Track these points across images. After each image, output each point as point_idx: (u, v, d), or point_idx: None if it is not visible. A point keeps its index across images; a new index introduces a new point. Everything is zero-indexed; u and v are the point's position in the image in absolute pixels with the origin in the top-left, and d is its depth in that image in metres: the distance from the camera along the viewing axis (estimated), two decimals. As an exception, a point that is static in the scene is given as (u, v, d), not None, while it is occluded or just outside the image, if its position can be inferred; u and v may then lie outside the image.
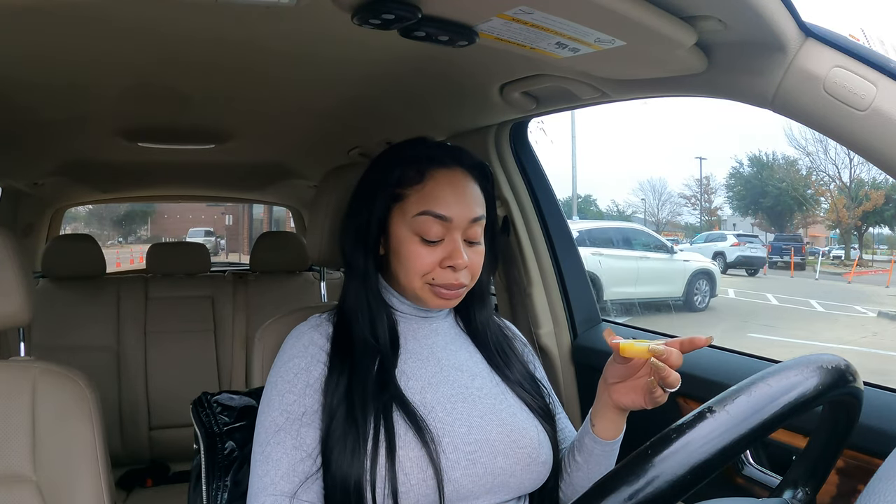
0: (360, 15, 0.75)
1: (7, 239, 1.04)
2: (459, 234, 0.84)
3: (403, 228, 0.85)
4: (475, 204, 0.86)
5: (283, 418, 0.80)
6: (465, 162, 0.88)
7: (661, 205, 38.11)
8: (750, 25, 0.74)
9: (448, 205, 0.84)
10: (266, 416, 0.81)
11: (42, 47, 0.99)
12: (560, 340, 1.58)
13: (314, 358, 0.84)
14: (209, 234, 26.77)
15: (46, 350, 2.06)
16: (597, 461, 0.86)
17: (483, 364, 0.92)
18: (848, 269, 19.73)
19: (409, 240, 0.84)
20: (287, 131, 1.75)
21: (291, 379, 0.82)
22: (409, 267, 0.84)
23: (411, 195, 0.85)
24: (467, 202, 0.85)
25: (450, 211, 0.83)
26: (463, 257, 0.83)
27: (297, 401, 0.81)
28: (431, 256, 0.84)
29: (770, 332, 9.21)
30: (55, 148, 1.88)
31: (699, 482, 0.49)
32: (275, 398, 0.82)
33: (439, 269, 0.84)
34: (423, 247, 0.84)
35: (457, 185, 0.85)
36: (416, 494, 0.76)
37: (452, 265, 0.83)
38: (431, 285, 0.85)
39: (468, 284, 0.87)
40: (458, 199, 0.84)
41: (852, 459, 0.92)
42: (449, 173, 0.86)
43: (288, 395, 0.81)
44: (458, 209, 0.84)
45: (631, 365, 0.81)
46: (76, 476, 0.99)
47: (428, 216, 0.83)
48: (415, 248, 0.84)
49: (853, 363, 0.60)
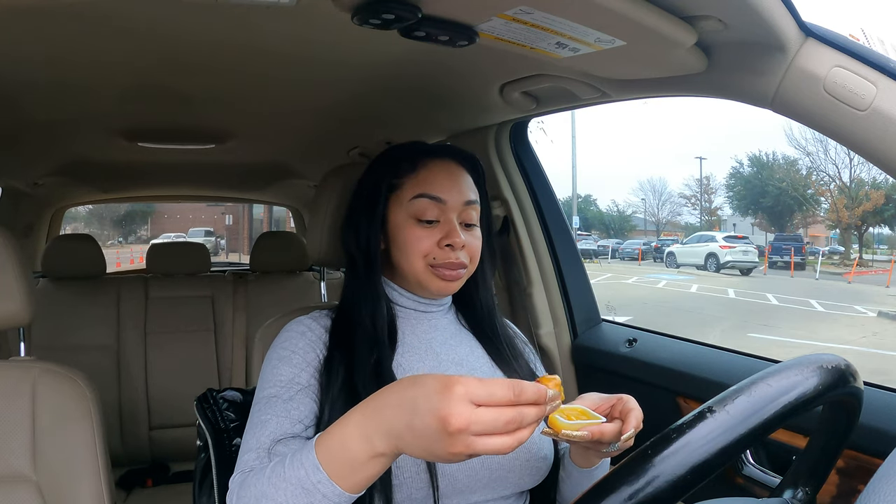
0: (359, 15, 0.75)
1: (7, 239, 1.04)
2: (455, 215, 0.88)
3: (401, 214, 0.88)
4: (468, 189, 0.90)
5: (276, 388, 0.80)
6: (456, 154, 0.93)
7: (661, 205, 38.17)
8: (750, 25, 0.74)
9: (442, 188, 0.87)
10: (261, 391, 0.82)
11: (42, 47, 0.99)
12: (560, 340, 1.58)
13: (311, 342, 0.85)
14: (209, 234, 26.79)
15: (46, 350, 2.06)
16: (576, 481, 0.86)
17: (485, 359, 0.92)
18: (848, 269, 19.73)
19: (407, 224, 0.87)
20: (287, 131, 1.75)
21: (287, 356, 0.83)
22: (409, 251, 0.87)
23: (406, 183, 0.89)
24: (460, 186, 0.89)
25: (443, 193, 0.87)
26: (460, 236, 0.86)
27: (292, 373, 0.81)
28: (430, 238, 0.86)
29: (770, 331, 9.22)
30: (55, 148, 1.88)
31: (699, 482, 0.49)
32: (269, 373, 0.83)
33: (438, 250, 0.86)
34: (421, 229, 0.87)
35: (449, 172, 0.90)
36: (408, 488, 0.76)
37: (450, 243, 0.85)
38: (433, 266, 0.86)
39: (468, 266, 0.88)
40: (452, 183, 0.88)
41: (852, 459, 0.92)
42: (441, 162, 0.90)
43: (283, 369, 0.82)
44: (451, 192, 0.88)
45: None
46: (76, 476, 0.99)
47: (423, 198, 0.87)
48: (413, 230, 0.87)
49: (853, 363, 0.61)
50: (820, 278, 17.50)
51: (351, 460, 0.60)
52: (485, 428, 0.52)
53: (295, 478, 0.62)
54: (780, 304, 12.41)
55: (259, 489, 0.65)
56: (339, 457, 0.61)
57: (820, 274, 18.15)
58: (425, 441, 0.55)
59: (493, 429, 0.52)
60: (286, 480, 0.63)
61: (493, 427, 0.52)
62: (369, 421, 0.59)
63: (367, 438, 0.59)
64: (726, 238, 20.27)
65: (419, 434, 0.55)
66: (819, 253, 21.83)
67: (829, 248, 25.68)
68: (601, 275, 17.61)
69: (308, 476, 0.62)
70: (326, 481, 0.61)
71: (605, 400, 0.75)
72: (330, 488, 0.61)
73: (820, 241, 28.15)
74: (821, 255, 20.99)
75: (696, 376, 1.22)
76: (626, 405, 0.73)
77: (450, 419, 0.52)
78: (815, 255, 21.12)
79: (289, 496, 0.62)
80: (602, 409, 0.74)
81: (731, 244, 19.56)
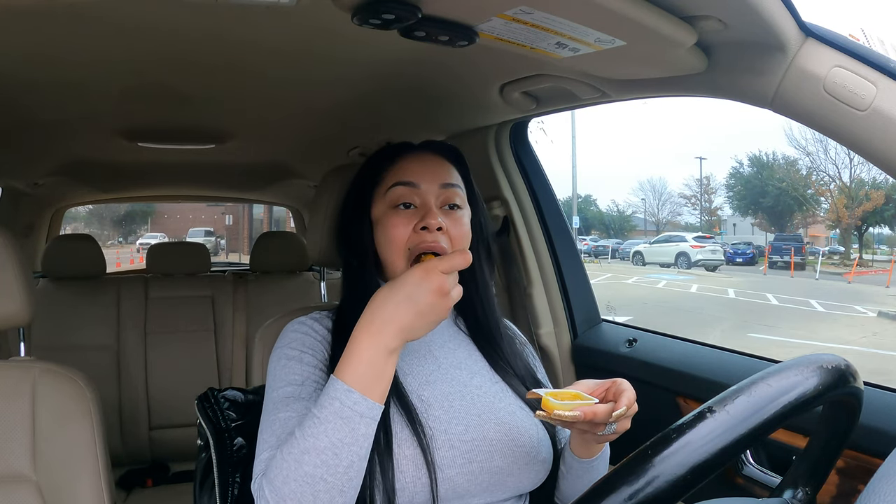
0: (359, 15, 0.75)
1: (7, 239, 1.04)
2: (432, 198, 0.88)
3: (382, 206, 0.89)
4: (445, 173, 0.91)
5: (291, 388, 0.80)
6: (436, 147, 0.95)
7: (661, 205, 38.16)
8: (750, 25, 0.74)
9: (415, 173, 0.89)
10: (272, 391, 0.82)
11: (42, 47, 0.99)
12: (560, 340, 1.58)
13: (318, 342, 0.85)
14: (209, 234, 26.78)
15: (46, 350, 2.05)
16: (577, 475, 0.86)
17: (482, 362, 0.92)
18: (848, 269, 19.74)
19: (387, 213, 0.88)
20: (287, 131, 1.75)
21: (297, 355, 0.83)
22: (390, 239, 0.86)
23: (385, 176, 0.91)
24: (435, 170, 0.90)
25: (417, 178, 0.88)
26: (436, 217, 0.85)
27: (306, 371, 0.81)
28: (407, 223, 0.86)
29: (770, 331, 9.22)
30: (55, 148, 1.88)
31: (699, 482, 0.49)
32: (280, 373, 0.82)
33: (415, 234, 0.86)
34: (399, 216, 0.87)
35: (424, 160, 0.91)
36: (410, 492, 0.76)
37: (425, 225, 0.85)
38: (414, 253, 0.85)
39: (448, 249, 0.86)
40: (426, 169, 0.90)
41: (852, 459, 0.92)
42: (418, 153, 0.92)
43: (295, 368, 0.82)
44: (425, 176, 0.89)
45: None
46: (76, 476, 0.99)
47: (398, 186, 0.88)
48: (392, 218, 0.87)
49: (853, 363, 0.61)
50: (820, 278, 17.49)
51: (374, 370, 0.70)
52: (454, 281, 0.73)
53: (330, 413, 0.68)
54: (780, 304, 12.41)
55: (296, 452, 0.68)
56: (363, 372, 0.70)
57: (820, 274, 18.16)
58: (430, 315, 0.71)
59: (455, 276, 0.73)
60: (323, 422, 0.68)
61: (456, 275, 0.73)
62: (379, 334, 0.70)
63: (381, 346, 0.70)
64: (696, 238, 22.23)
65: (425, 314, 0.71)
66: (819, 253, 21.84)
67: (829, 248, 25.67)
68: (601, 275, 17.62)
69: (343, 403, 0.68)
70: (361, 399, 0.69)
71: (599, 385, 0.76)
72: (365, 405, 0.69)
73: (820, 241, 28.14)
74: (821, 255, 21.00)
75: (696, 376, 1.22)
76: (618, 387, 0.74)
77: (444, 287, 0.71)
78: (815, 255, 21.14)
79: (330, 435, 0.68)
80: (597, 394, 0.74)
81: (700, 244, 21.40)
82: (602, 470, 0.87)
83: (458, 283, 0.74)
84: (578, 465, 0.85)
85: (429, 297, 0.70)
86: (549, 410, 0.69)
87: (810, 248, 23.96)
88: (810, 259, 21.30)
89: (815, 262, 19.87)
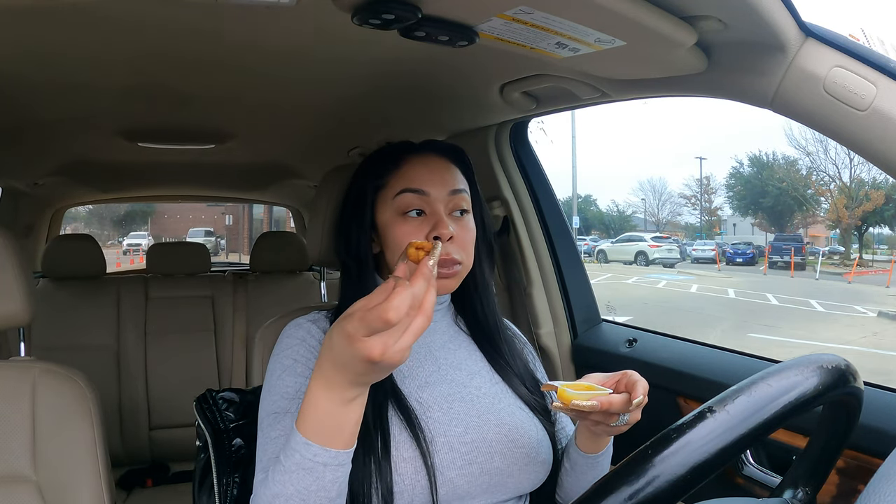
0: (359, 15, 0.75)
1: (7, 239, 1.04)
2: (441, 206, 0.86)
3: (388, 212, 0.87)
4: (452, 178, 0.89)
5: (285, 401, 0.79)
6: (439, 148, 0.93)
7: (661, 205, 38.17)
8: (750, 25, 0.74)
9: (423, 181, 0.87)
10: (267, 402, 0.81)
11: (42, 47, 0.99)
12: (560, 340, 1.58)
13: (312, 348, 0.84)
14: (209, 234, 26.78)
15: (46, 350, 2.06)
16: (581, 471, 0.86)
17: (482, 363, 0.92)
18: (848, 269, 19.73)
19: (394, 221, 0.86)
20: (287, 131, 1.75)
21: (290, 365, 0.83)
22: (398, 247, 0.85)
23: (390, 180, 0.88)
24: (443, 176, 0.88)
25: (426, 185, 0.86)
26: (448, 227, 0.83)
27: (297, 384, 0.81)
28: (418, 231, 0.85)
29: (770, 331, 9.22)
30: (55, 148, 1.88)
31: (699, 482, 0.49)
32: (274, 384, 0.82)
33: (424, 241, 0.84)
34: (408, 224, 0.85)
35: (431, 165, 0.89)
36: (409, 495, 0.76)
37: (437, 235, 0.83)
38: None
39: (460, 260, 0.86)
40: (434, 175, 0.87)
41: (852, 459, 0.92)
42: (423, 156, 0.90)
43: (287, 379, 0.81)
44: (434, 183, 0.87)
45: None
46: (76, 476, 0.99)
47: (406, 193, 0.86)
48: (400, 227, 0.86)
49: (853, 363, 0.61)
50: (820, 278, 17.49)
51: (333, 420, 0.64)
52: (396, 336, 0.57)
53: (293, 464, 0.65)
54: (780, 304, 12.41)
55: (268, 495, 0.67)
56: (321, 422, 0.64)
57: (820, 274, 18.16)
58: (376, 371, 0.60)
59: (402, 330, 0.57)
60: (287, 471, 0.66)
61: (401, 329, 0.57)
62: (332, 386, 0.63)
63: (336, 398, 0.63)
64: (654, 238, 24.04)
65: (366, 371, 0.60)
66: (819, 253, 21.85)
67: (829, 248, 25.66)
68: (601, 275, 17.62)
69: (303, 456, 0.65)
70: (321, 450, 0.64)
71: (609, 377, 0.76)
72: (326, 455, 0.64)
73: (820, 241, 28.12)
74: (821, 255, 21.02)
75: (696, 376, 1.23)
76: (630, 378, 0.74)
77: (372, 356, 0.57)
78: (815, 255, 21.15)
79: (295, 483, 0.65)
80: (607, 386, 0.74)
81: (657, 244, 22.98)
82: (606, 466, 0.87)
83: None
84: (584, 461, 0.85)
85: (363, 365, 0.60)
86: (565, 401, 0.69)
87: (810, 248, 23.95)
88: (810, 259, 21.30)
89: (815, 263, 19.88)
